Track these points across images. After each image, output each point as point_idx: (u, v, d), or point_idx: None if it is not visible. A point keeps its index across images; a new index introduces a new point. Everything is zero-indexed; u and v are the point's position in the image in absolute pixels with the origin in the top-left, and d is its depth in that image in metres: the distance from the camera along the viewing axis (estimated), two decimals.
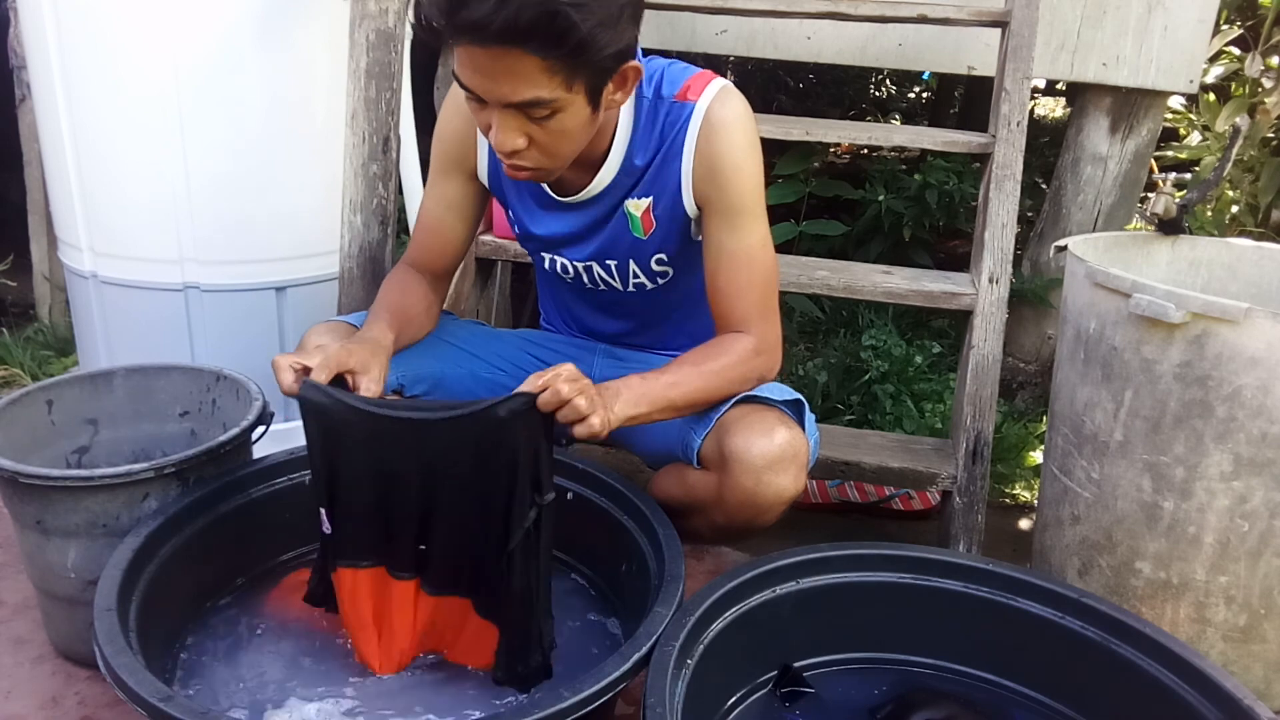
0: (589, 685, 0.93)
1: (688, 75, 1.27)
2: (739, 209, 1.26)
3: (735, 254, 1.27)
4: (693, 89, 1.25)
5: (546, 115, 1.08)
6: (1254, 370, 1.27)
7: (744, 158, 1.25)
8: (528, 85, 1.04)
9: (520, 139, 1.10)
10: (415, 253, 1.46)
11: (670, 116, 1.26)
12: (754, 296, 1.29)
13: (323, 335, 1.41)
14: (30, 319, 2.81)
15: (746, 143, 1.25)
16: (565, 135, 1.12)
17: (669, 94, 1.26)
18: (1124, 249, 1.75)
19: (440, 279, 1.48)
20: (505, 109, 1.07)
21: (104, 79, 1.71)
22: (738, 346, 1.29)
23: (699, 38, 2.69)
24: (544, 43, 1.00)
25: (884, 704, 1.17)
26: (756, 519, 1.29)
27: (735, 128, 1.24)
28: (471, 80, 1.07)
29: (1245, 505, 1.33)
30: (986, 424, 1.80)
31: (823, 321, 3.08)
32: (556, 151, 1.14)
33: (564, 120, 1.10)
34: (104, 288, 1.84)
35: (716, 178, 1.25)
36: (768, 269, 1.30)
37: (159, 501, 1.22)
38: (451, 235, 1.44)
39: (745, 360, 1.29)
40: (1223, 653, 1.40)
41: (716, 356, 1.28)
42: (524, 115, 1.08)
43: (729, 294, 1.29)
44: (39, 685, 1.25)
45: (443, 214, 1.42)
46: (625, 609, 1.28)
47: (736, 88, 1.28)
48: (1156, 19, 2.44)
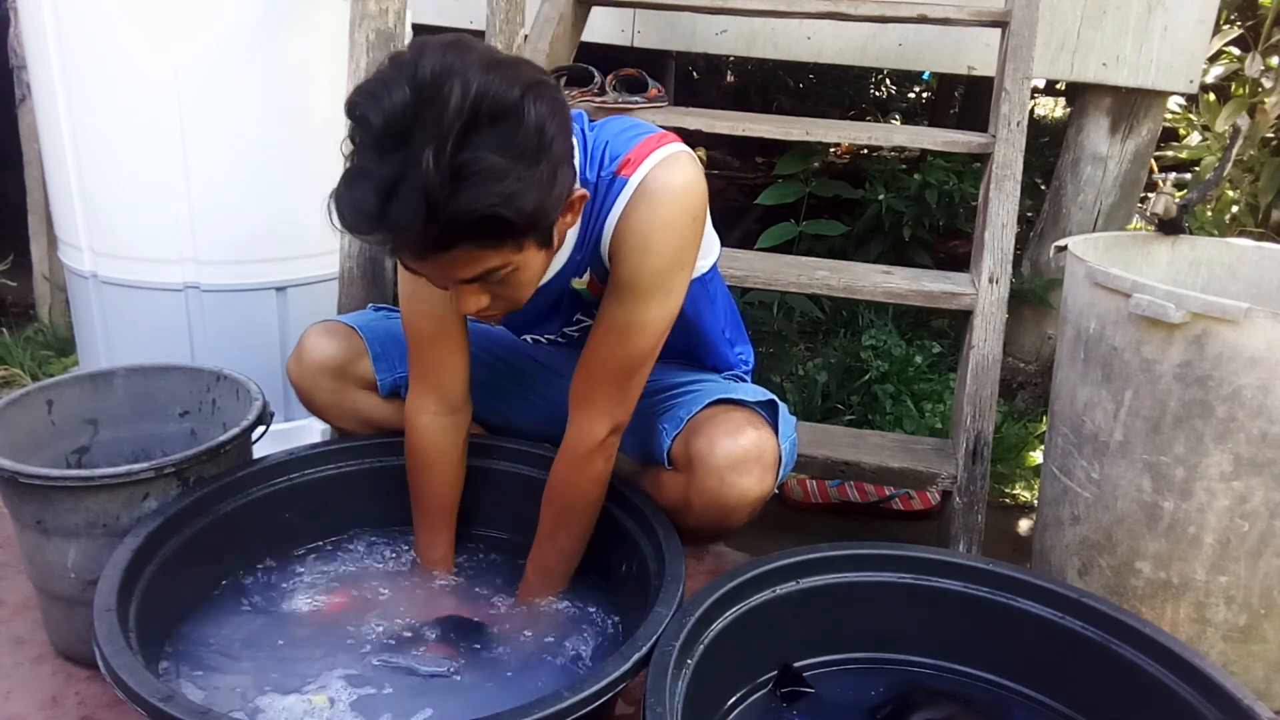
0: (589, 685, 0.93)
1: (633, 144, 1.16)
2: (632, 285, 1.16)
3: (612, 325, 1.18)
4: (633, 161, 1.15)
5: (504, 276, 1.02)
6: (1254, 370, 1.27)
7: (657, 234, 1.13)
8: (477, 265, 0.99)
9: (483, 299, 1.06)
10: (428, 381, 1.31)
11: (609, 191, 1.16)
12: (616, 373, 1.20)
13: (321, 336, 1.41)
14: (30, 319, 2.81)
15: (667, 219, 1.13)
16: (527, 284, 1.08)
17: (610, 169, 1.16)
18: (1124, 249, 1.75)
19: (463, 402, 1.35)
20: (462, 285, 1.03)
21: (104, 79, 1.70)
22: (577, 461, 1.23)
23: (699, 38, 2.69)
24: (484, 239, 0.95)
25: (884, 704, 1.17)
26: (722, 521, 1.27)
27: (660, 202, 1.13)
28: (419, 273, 1.03)
29: (1245, 505, 1.33)
30: (986, 424, 1.80)
31: (823, 321, 3.08)
32: (521, 296, 1.09)
33: (522, 274, 1.04)
34: (104, 288, 1.84)
35: (622, 248, 1.15)
36: (641, 351, 1.18)
37: (159, 501, 1.22)
38: (456, 334, 1.30)
39: (589, 465, 1.23)
40: (1223, 653, 1.40)
41: (558, 497, 1.27)
42: (481, 283, 1.03)
43: (591, 363, 1.21)
44: (39, 685, 1.25)
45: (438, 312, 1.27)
46: (625, 609, 1.28)
47: (690, 151, 1.18)
48: (1156, 19, 2.44)
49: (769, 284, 1.93)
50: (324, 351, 1.40)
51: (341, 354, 1.40)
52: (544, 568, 1.32)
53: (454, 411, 1.34)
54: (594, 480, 1.25)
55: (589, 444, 1.22)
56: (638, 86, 2.14)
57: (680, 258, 1.17)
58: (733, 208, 3.93)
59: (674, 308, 1.19)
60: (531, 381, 1.53)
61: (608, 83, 2.13)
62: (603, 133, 1.21)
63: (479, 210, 0.90)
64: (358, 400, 1.44)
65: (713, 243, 1.35)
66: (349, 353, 1.41)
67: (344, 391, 1.42)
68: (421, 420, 1.33)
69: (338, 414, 1.46)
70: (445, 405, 1.32)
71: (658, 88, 2.17)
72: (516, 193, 0.92)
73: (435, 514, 1.39)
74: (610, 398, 1.21)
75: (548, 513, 1.29)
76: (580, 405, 1.23)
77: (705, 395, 1.32)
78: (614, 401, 1.21)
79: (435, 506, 1.38)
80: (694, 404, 1.31)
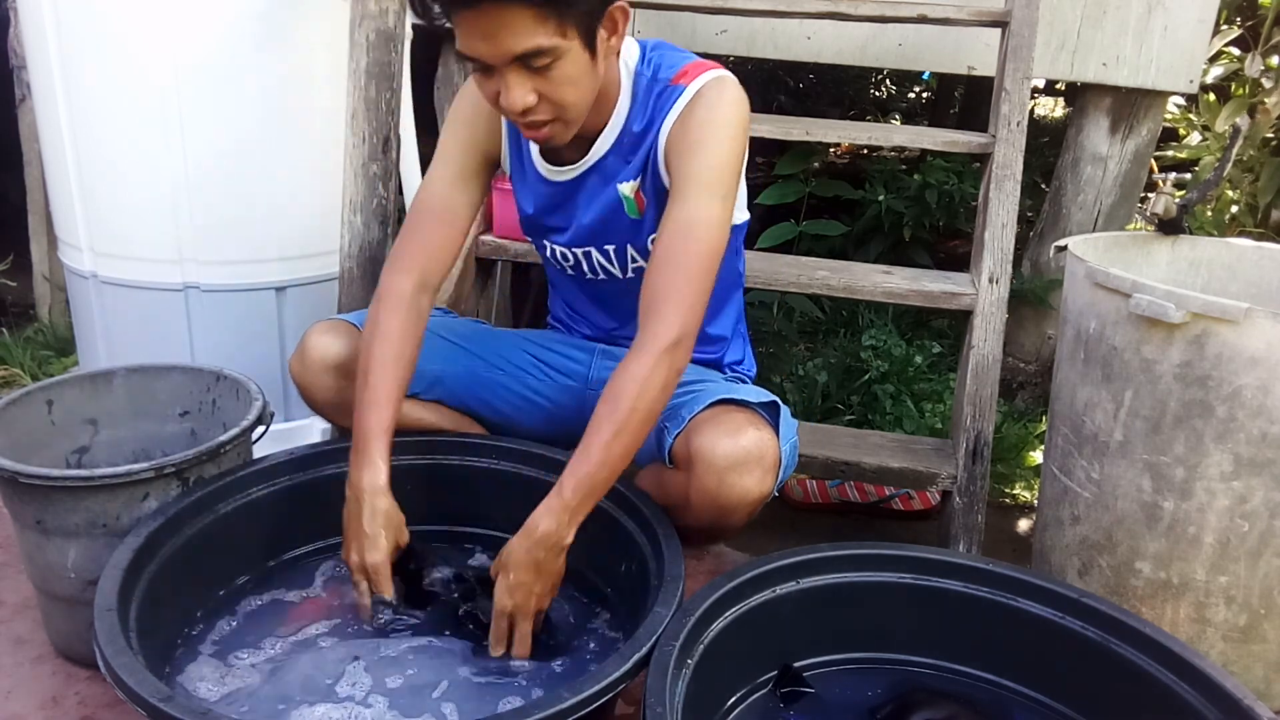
0: (589, 686, 0.93)
1: (687, 61, 1.29)
2: (694, 179, 1.22)
3: (677, 222, 1.22)
4: (689, 74, 1.27)
5: (548, 65, 1.11)
6: (1254, 370, 1.27)
7: (714, 132, 1.23)
8: (525, 36, 1.08)
9: (530, 95, 1.14)
10: (415, 251, 1.35)
11: (663, 96, 1.28)
12: (682, 272, 1.20)
13: (324, 334, 1.41)
14: (30, 319, 2.81)
15: (723, 120, 1.24)
16: (570, 83, 1.15)
17: (666, 76, 1.28)
18: (1124, 249, 1.75)
19: (433, 290, 1.38)
20: (510, 67, 1.11)
21: (104, 79, 1.71)
22: (643, 360, 1.17)
23: (699, 38, 2.68)
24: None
25: (884, 704, 1.17)
26: (721, 520, 1.27)
27: (716, 105, 1.24)
28: (473, 47, 1.11)
29: (1245, 505, 1.33)
30: (986, 424, 1.80)
31: (823, 321, 3.08)
32: (565, 100, 1.16)
33: (566, 68, 1.13)
34: (104, 287, 1.84)
35: (680, 145, 1.25)
36: (707, 248, 1.21)
37: (159, 501, 1.22)
38: (459, 219, 1.37)
39: (655, 369, 1.17)
40: (1223, 653, 1.40)
41: (622, 394, 1.16)
42: (528, 71, 1.12)
43: (657, 264, 1.21)
44: (39, 685, 1.25)
45: (451, 195, 1.37)
46: (625, 609, 1.28)
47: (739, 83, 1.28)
48: (1156, 19, 2.44)
49: (769, 284, 1.93)
50: (327, 349, 1.40)
51: (345, 352, 1.40)
52: (588, 472, 1.15)
53: (425, 291, 1.35)
54: (662, 386, 1.17)
55: (662, 344, 1.17)
56: None
57: (734, 160, 1.24)
58: None
59: (730, 211, 1.26)
60: (535, 382, 1.53)
61: None
62: (657, 47, 1.32)
63: None
64: None
65: (743, 197, 1.40)
66: (352, 351, 1.40)
67: (347, 390, 1.42)
68: (397, 282, 1.32)
69: (340, 412, 1.45)
70: (422, 282, 1.34)
71: None
72: None
73: (383, 386, 1.27)
74: (679, 299, 1.19)
75: (608, 417, 1.16)
76: (652, 309, 1.20)
77: (708, 395, 1.32)
78: (683, 304, 1.19)
79: (387, 377, 1.28)
80: (696, 403, 1.31)
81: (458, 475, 1.44)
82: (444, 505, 1.44)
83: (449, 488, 1.44)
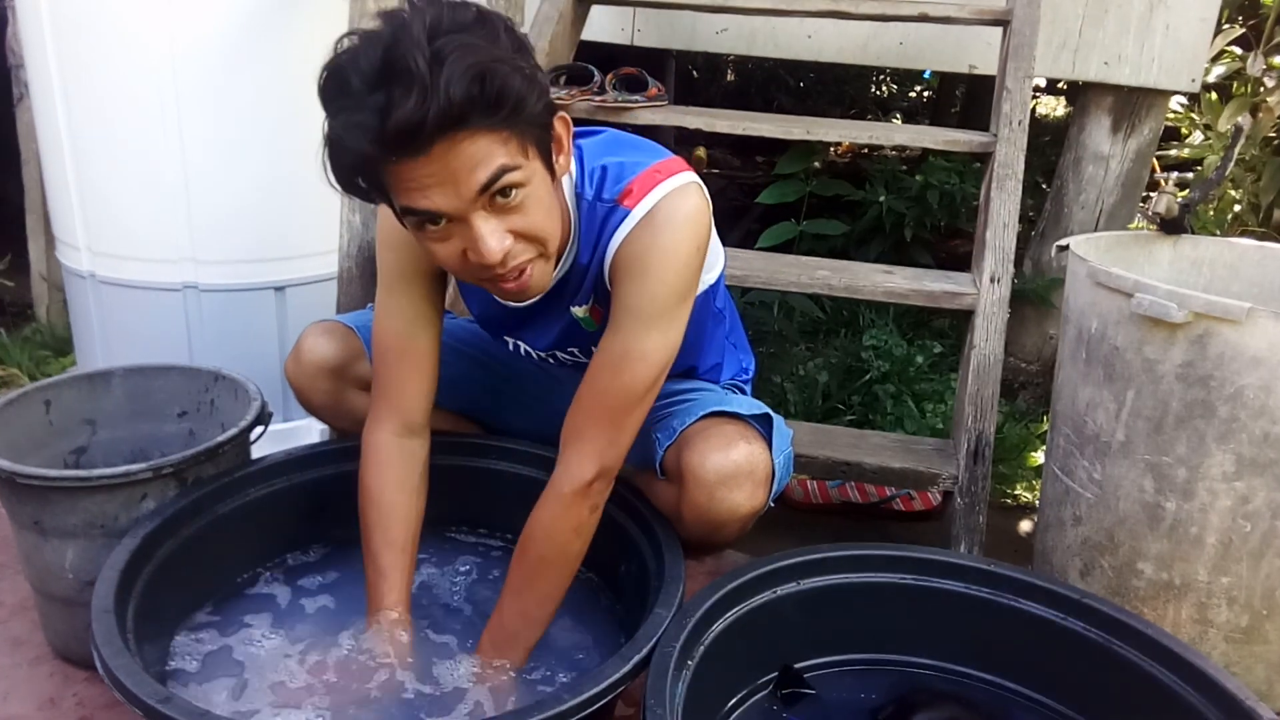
0: (589, 687, 0.93)
1: (636, 173, 1.15)
2: (632, 311, 1.12)
3: (609, 354, 1.13)
4: (635, 192, 1.13)
5: (517, 193, 0.99)
6: (1256, 370, 1.27)
7: (660, 259, 1.11)
8: (490, 159, 0.95)
9: (506, 237, 1.00)
10: (389, 399, 1.26)
11: (608, 220, 1.15)
12: (606, 407, 1.13)
13: (319, 337, 1.40)
14: (28, 319, 2.81)
15: (671, 245, 1.11)
16: (543, 209, 1.03)
17: (610, 196, 1.15)
18: (1126, 249, 1.74)
19: (420, 428, 1.28)
20: (476, 212, 0.98)
21: (102, 78, 1.70)
22: (552, 507, 1.14)
23: (699, 37, 2.68)
24: (485, 110, 0.92)
25: (885, 705, 1.17)
26: (712, 535, 1.25)
27: (664, 229, 1.11)
28: (430, 200, 0.96)
29: (1247, 506, 1.32)
30: (988, 424, 1.80)
31: (823, 321, 3.08)
32: (543, 231, 1.04)
33: (535, 191, 1.01)
34: (102, 287, 1.84)
35: (623, 273, 1.13)
36: (638, 382, 1.12)
37: (157, 502, 1.21)
38: (424, 355, 1.26)
39: (566, 513, 1.13)
40: (1225, 654, 1.40)
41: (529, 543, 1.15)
42: (495, 210, 0.99)
43: (583, 395, 1.15)
44: (37, 686, 1.25)
45: (410, 331, 1.24)
46: (625, 610, 1.28)
47: (700, 181, 1.16)
48: (1158, 18, 2.44)
49: (769, 284, 1.93)
50: (322, 352, 1.39)
51: (339, 354, 1.40)
52: (504, 628, 1.18)
53: (412, 434, 1.27)
54: (574, 530, 1.15)
55: (574, 485, 1.13)
56: (637, 85, 2.14)
57: (683, 288, 1.14)
58: (733, 207, 3.93)
59: (675, 341, 1.15)
60: (533, 387, 1.52)
61: (607, 81, 2.12)
62: (596, 150, 1.19)
63: (472, 68, 0.90)
64: (356, 401, 1.43)
65: (717, 256, 1.32)
66: (347, 353, 1.40)
67: (342, 392, 1.42)
68: (378, 438, 1.25)
69: (335, 414, 1.45)
70: (404, 427, 1.26)
71: (658, 86, 2.16)
72: (501, 59, 0.93)
73: (386, 552, 1.23)
74: (602, 434, 1.13)
75: (518, 566, 1.16)
76: (569, 442, 1.15)
77: (700, 406, 1.29)
78: (605, 439, 1.13)
79: (387, 543, 1.23)
80: (688, 415, 1.28)
81: (458, 475, 1.44)
82: (442, 505, 1.43)
83: (449, 487, 1.43)
